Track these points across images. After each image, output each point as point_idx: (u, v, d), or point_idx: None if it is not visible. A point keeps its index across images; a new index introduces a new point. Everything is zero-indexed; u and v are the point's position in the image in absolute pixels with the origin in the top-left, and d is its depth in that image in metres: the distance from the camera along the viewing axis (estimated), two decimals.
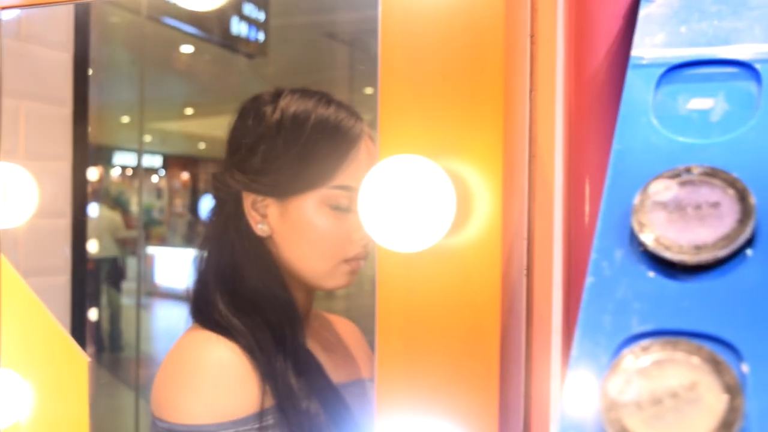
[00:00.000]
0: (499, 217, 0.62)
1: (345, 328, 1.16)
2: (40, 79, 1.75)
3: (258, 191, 0.95)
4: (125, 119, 5.37)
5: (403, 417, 0.64)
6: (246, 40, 4.28)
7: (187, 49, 4.99)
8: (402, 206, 0.59)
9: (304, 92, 0.99)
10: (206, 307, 0.96)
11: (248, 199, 0.96)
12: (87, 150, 1.91)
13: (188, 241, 6.92)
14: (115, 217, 5.53)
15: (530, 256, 0.68)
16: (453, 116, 0.63)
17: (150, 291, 5.99)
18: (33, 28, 1.73)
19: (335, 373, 1.01)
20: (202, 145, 7.34)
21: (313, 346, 1.01)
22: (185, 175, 7.57)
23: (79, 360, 1.01)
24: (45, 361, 0.96)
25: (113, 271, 5.10)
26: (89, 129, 1.93)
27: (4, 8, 0.86)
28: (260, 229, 0.96)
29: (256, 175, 0.95)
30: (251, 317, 0.94)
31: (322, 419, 0.93)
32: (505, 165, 0.62)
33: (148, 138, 6.24)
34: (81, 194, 1.97)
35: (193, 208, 7.19)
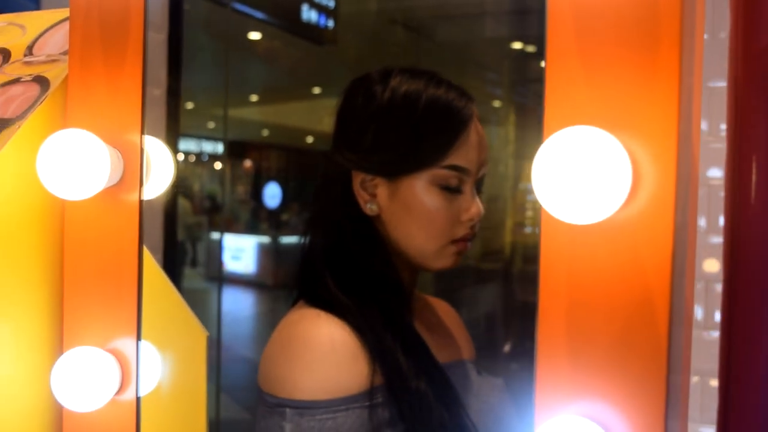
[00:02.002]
0: (672, 193, 0.60)
1: (444, 309, 1.16)
2: None
3: (368, 170, 0.95)
4: (189, 105, 5.43)
5: (563, 394, 0.63)
6: (316, 27, 4.30)
7: (254, 35, 5.03)
8: (578, 178, 0.57)
9: (414, 72, 0.99)
10: (315, 285, 0.96)
11: (357, 178, 0.96)
12: (179, 131, 1.93)
13: (251, 227, 7.00)
14: (185, 202, 5.63)
15: None
16: (625, 88, 0.61)
17: (214, 276, 6.08)
18: None
19: (438, 354, 1.01)
20: (265, 132, 7.39)
21: (418, 326, 1.01)
22: (248, 162, 7.64)
23: (199, 334, 1.03)
24: (172, 335, 0.97)
25: (180, 255, 5.20)
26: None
27: None
28: (369, 208, 0.96)
29: (366, 154, 0.95)
30: (360, 296, 0.94)
31: (431, 399, 0.92)
32: (679, 139, 0.61)
33: (211, 124, 6.32)
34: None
35: (256, 194, 7.26)
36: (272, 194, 6.80)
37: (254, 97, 6.45)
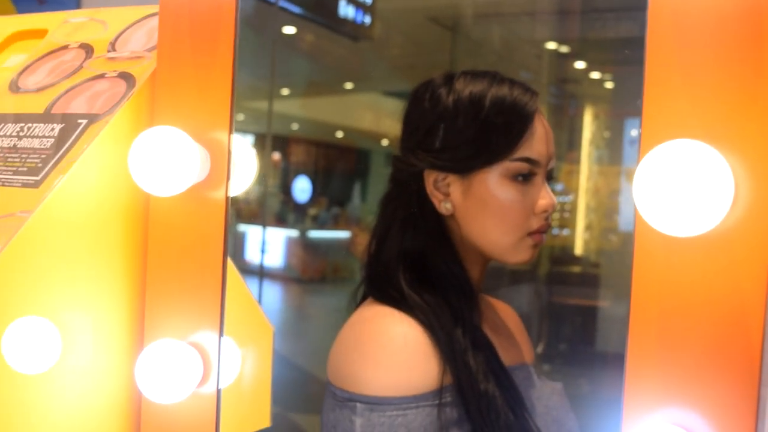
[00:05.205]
0: None
1: (505, 310, 1.17)
2: None
3: (441, 168, 0.96)
4: None
5: (652, 400, 0.64)
6: (352, 23, 4.30)
7: (288, 30, 5.04)
8: (681, 190, 0.58)
9: (475, 73, 1.00)
10: (386, 284, 0.97)
11: (430, 179, 0.97)
12: (232, 126, 1.93)
13: (279, 220, 7.01)
14: None
15: None
16: (726, 101, 0.62)
17: (241, 268, 6.09)
18: None
19: (503, 356, 1.01)
20: (295, 126, 7.40)
21: (484, 327, 1.02)
22: (276, 155, 7.67)
23: (266, 328, 1.04)
24: (244, 328, 0.99)
25: None
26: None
27: None
28: (444, 207, 0.97)
29: (438, 152, 0.96)
30: (431, 295, 0.95)
31: (499, 401, 0.93)
32: None
33: (240, 117, 6.29)
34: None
35: (285, 188, 7.27)
36: (302, 188, 6.81)
37: (285, 91, 6.46)
